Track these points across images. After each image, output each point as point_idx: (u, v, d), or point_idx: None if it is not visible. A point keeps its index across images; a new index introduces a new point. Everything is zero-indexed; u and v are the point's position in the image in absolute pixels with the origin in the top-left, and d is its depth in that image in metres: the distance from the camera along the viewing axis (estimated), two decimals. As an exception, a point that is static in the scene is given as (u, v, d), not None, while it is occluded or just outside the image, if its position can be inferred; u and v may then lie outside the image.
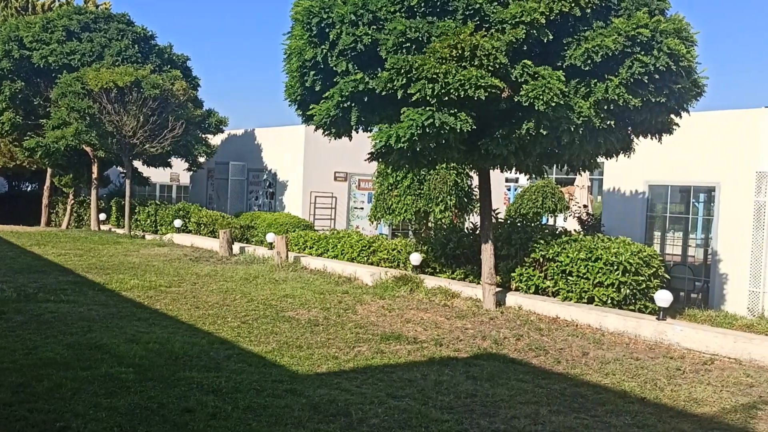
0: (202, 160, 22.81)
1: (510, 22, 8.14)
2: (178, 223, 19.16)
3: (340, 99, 8.72)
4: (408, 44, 8.37)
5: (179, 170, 25.61)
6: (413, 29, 8.31)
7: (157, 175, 27.01)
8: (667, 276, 10.24)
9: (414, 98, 8.13)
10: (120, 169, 22.60)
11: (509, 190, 27.22)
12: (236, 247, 16.23)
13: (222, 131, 23.22)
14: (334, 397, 5.90)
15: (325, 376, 6.66)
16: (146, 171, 24.16)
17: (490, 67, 8.01)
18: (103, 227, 21.91)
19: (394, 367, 7.08)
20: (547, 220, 23.30)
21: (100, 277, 11.82)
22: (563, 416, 5.80)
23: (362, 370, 6.93)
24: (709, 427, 5.73)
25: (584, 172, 12.26)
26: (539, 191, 19.96)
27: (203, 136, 21.91)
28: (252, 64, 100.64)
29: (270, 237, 15.40)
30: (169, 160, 22.16)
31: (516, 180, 28.06)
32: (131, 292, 10.60)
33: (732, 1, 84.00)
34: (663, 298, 8.96)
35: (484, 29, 8.35)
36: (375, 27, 8.65)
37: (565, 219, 20.73)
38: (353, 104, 8.83)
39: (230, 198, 23.83)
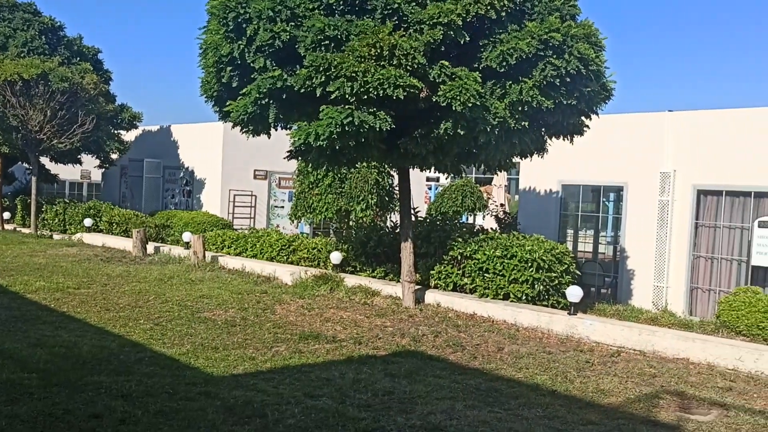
0: (114, 156, 22.00)
1: (428, 22, 8.22)
2: (88, 222, 18.40)
3: (257, 96, 8.59)
4: (327, 42, 8.33)
5: (90, 167, 24.64)
6: (332, 27, 8.27)
7: (67, 173, 25.88)
8: (578, 272, 10.62)
9: (333, 96, 8.10)
10: (26, 165, 21.49)
11: (430, 189, 27.55)
12: (151, 246, 15.73)
13: (136, 127, 22.47)
14: (250, 398, 5.81)
15: (242, 377, 6.55)
16: (54, 168, 23.10)
17: (408, 67, 8.08)
18: (7, 227, 20.79)
19: (312, 367, 7.04)
20: (467, 218, 23.73)
21: (3, 278, 11.21)
22: (478, 410, 5.91)
23: (279, 370, 6.86)
24: (615, 417, 5.97)
25: (501, 171, 12.55)
26: (459, 190, 20.28)
27: (116, 132, 21.14)
28: (168, 59, 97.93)
29: (186, 236, 15.02)
30: (79, 156, 21.27)
31: (437, 179, 28.45)
32: (36, 294, 10.10)
33: (638, 8, 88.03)
34: (574, 293, 9.29)
35: (402, 29, 8.41)
36: (293, 24, 8.56)
37: (483, 218, 21.14)
38: (271, 101, 8.72)
39: (145, 196, 23.10)
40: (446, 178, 22.06)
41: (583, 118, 9.75)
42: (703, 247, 12.39)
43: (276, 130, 9.92)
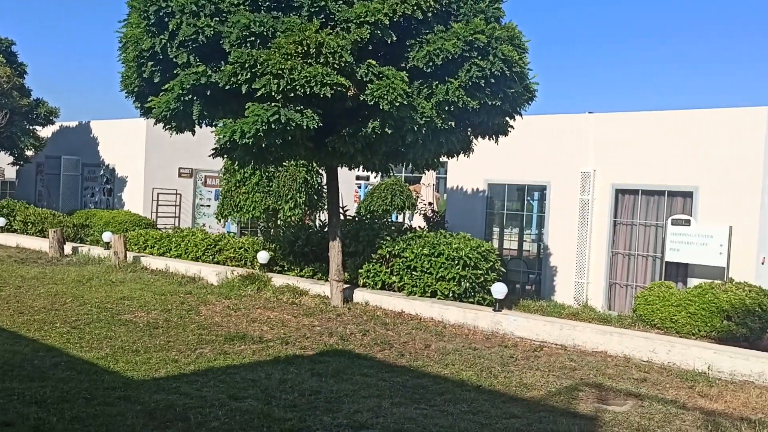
0: (30, 153, 21.03)
1: (355, 21, 8.22)
2: (1, 221, 17.53)
3: (180, 92, 8.38)
4: (252, 38, 8.21)
5: (4, 164, 23.46)
6: (257, 23, 8.16)
7: (-22, 170, 24.57)
8: (503, 269, 10.85)
9: (259, 93, 7.99)
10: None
11: (360, 187, 27.59)
12: (68, 247, 15.12)
13: (53, 123, 21.54)
14: (172, 402, 5.66)
15: (164, 380, 6.37)
16: (-36, 165, 21.92)
17: (335, 65, 8.05)
18: None
19: (238, 368, 6.92)
20: (396, 217, 23.89)
21: None
22: (404, 408, 5.95)
23: (203, 372, 6.71)
24: (536, 410, 6.13)
25: (429, 170, 12.69)
26: (388, 189, 20.38)
27: (31, 127, 20.23)
28: (88, 52, 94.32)
29: (107, 236, 14.52)
30: (-9, 153, 20.25)
31: (367, 178, 28.50)
32: (-57, 298, 9.56)
33: (561, 12, 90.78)
34: (499, 290, 9.49)
35: (329, 27, 8.38)
36: (218, 19, 8.40)
37: (412, 216, 21.33)
38: (195, 97, 8.53)
39: (62, 195, 22.17)
40: (375, 177, 22.15)
41: (507, 118, 9.96)
42: (621, 244, 12.88)
43: (201, 127, 9.71)
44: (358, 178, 25.64)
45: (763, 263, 11.49)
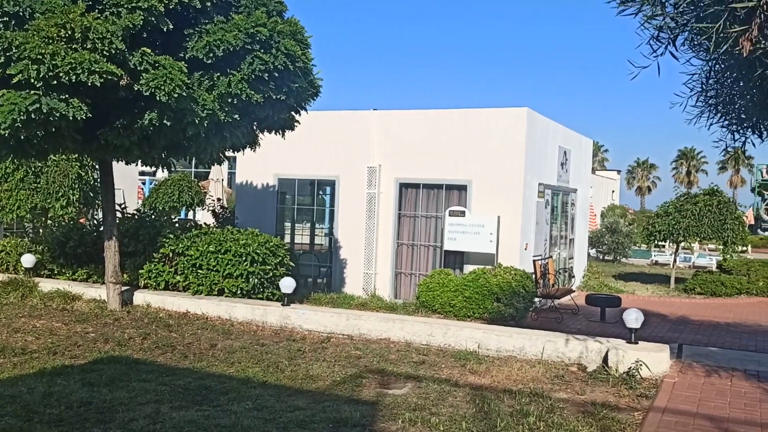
0: None
1: (126, 6, 7.70)
2: None
3: None
4: (6, 19, 7.39)
5: None
6: (12, 2, 7.35)
7: None
8: (293, 264, 10.89)
9: (16, 80, 7.22)
10: None
11: (144, 183, 26.15)
12: None
13: None
14: None
15: None
16: None
17: (105, 52, 7.49)
18: None
19: (-7, 385, 6.20)
20: (186, 214, 23.01)
21: None
22: (185, 411, 5.73)
23: (-50, 393, 5.92)
24: (321, 400, 6.22)
25: (215, 165, 12.35)
26: (176, 185, 19.57)
27: None
28: None
29: None
30: None
31: (153, 173, 27.13)
32: None
33: (343, 10, 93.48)
34: (287, 285, 9.50)
35: (97, 11, 7.78)
36: (-37, -6, 7.43)
37: (194, 213, 20.68)
38: (-64, 82, 7.47)
39: None
40: (162, 173, 21.13)
41: (293, 113, 10.00)
42: (405, 235, 13.54)
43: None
44: (142, 173, 24.28)
45: (526, 249, 12.74)
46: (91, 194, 13.77)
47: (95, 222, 11.92)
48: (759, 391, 6.69)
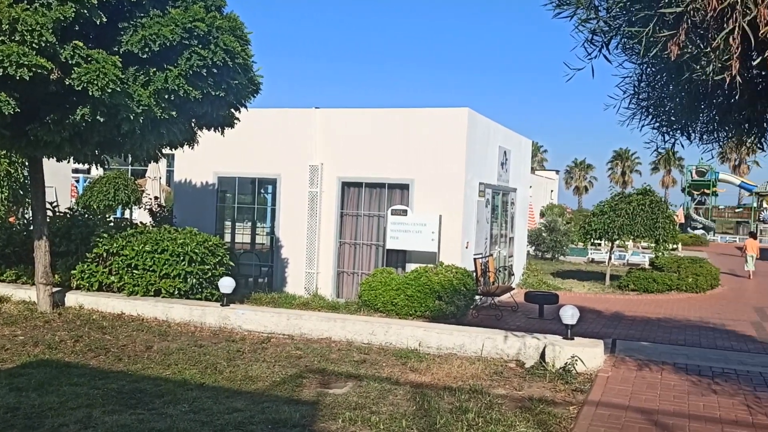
0: None
1: (57, -4, 7.43)
2: None
3: None
4: (-74, 7, 7.02)
5: None
6: (-67, -10, 6.99)
7: None
8: (232, 264, 10.72)
9: (-63, 71, 6.87)
10: None
11: (78, 181, 25.32)
12: None
13: None
14: None
15: None
16: None
17: (35, 45, 7.20)
18: None
19: None
20: (122, 213, 22.40)
21: None
22: (118, 415, 5.57)
23: None
24: (260, 401, 6.14)
25: (151, 162, 12.05)
26: (111, 183, 19.01)
27: None
28: None
29: None
30: None
31: (88, 171, 26.29)
32: None
33: (286, 7, 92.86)
34: (226, 284, 9.35)
35: (26, 2, 7.47)
36: None
37: (131, 212, 20.15)
38: None
39: None
40: (97, 170, 20.49)
41: (233, 110, 9.83)
42: (347, 234, 13.51)
43: None
44: (76, 171, 23.52)
45: (467, 247, 12.89)
46: (21, 192, 13.24)
47: (25, 221, 11.47)
48: (687, 383, 6.94)
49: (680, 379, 7.13)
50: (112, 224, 10.76)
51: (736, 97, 4.85)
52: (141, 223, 12.12)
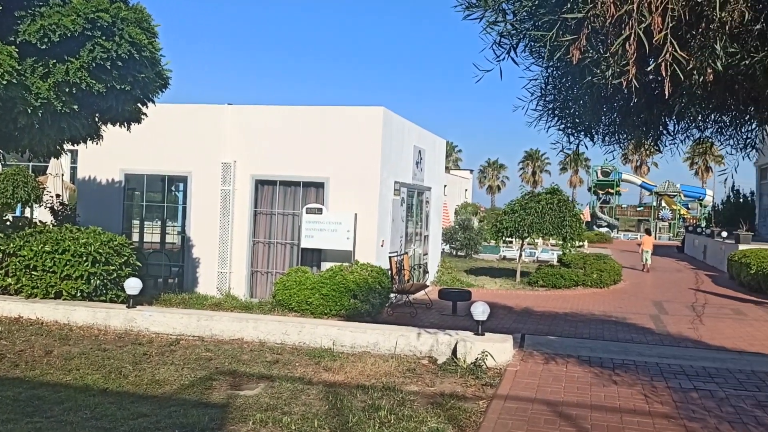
0: None
1: (-55, -20, 6.98)
2: None
3: None
4: None
5: None
6: None
7: None
8: (140, 264, 10.35)
9: None
10: None
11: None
12: None
13: None
14: None
15: None
16: None
17: None
18: None
19: None
20: (22, 211, 21.24)
21: None
22: (13, 424, 5.27)
23: None
24: (168, 405, 5.95)
25: (52, 158, 11.48)
26: (10, 180, 17.94)
27: None
28: None
29: None
30: None
31: (-16, 167, 24.72)
32: None
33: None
34: (132, 285, 9.02)
35: None
36: None
37: (33, 210, 19.12)
38: None
39: None
40: (-6, 166, 19.32)
41: (140, 105, 9.51)
42: (261, 233, 13.31)
43: None
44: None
45: (382, 246, 12.96)
46: None
47: None
48: (590, 375, 7.23)
49: (584, 371, 7.41)
50: (9, 223, 10.16)
51: (635, 101, 5.08)
52: (41, 222, 11.52)
